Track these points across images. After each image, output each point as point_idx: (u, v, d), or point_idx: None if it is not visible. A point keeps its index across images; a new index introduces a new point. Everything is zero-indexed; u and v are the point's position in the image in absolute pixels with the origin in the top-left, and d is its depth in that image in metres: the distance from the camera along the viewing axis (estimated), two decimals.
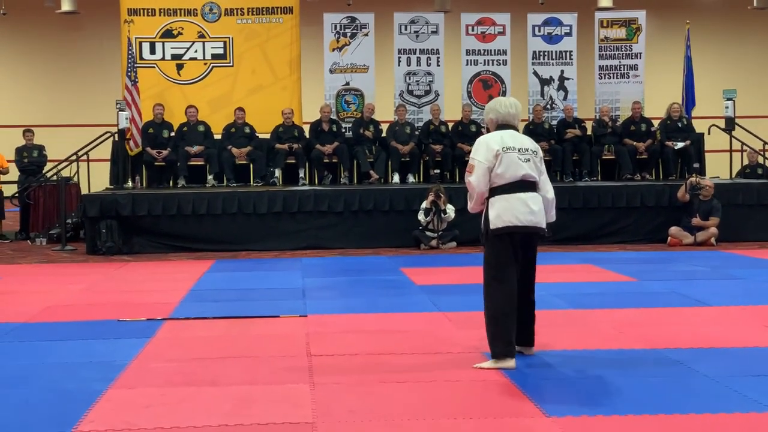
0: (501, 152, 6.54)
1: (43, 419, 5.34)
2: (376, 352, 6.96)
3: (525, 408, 5.45)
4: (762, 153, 18.04)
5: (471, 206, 6.82)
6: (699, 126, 17.25)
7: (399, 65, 17.33)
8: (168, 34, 16.84)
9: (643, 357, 6.72)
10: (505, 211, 6.50)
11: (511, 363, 6.37)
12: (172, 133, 16.07)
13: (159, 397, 5.75)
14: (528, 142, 6.71)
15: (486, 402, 5.67)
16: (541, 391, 5.75)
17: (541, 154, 6.79)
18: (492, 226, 6.54)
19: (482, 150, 6.63)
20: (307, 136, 16.35)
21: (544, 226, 6.60)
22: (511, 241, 6.53)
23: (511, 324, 6.46)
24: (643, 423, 5.11)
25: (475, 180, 6.63)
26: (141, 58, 16.62)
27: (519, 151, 6.57)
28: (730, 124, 16.69)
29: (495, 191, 6.58)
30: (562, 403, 5.54)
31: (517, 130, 6.84)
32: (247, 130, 16.15)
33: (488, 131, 6.93)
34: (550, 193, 6.72)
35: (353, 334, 7.68)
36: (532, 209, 6.51)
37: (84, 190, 15.92)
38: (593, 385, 5.97)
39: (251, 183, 15.96)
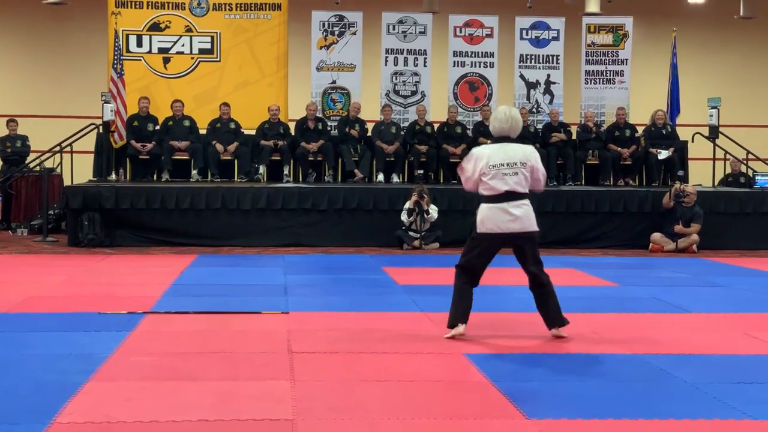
0: (486, 169, 7.27)
1: (22, 410, 5.30)
2: (357, 351, 6.96)
3: (505, 410, 5.46)
4: (745, 162, 18.12)
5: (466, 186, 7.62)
6: (683, 133, 17.32)
7: (386, 65, 17.34)
8: (155, 28, 16.81)
9: (624, 362, 6.74)
10: (488, 219, 7.30)
11: (450, 331, 7.40)
12: (157, 127, 16.03)
13: (139, 391, 5.73)
14: (518, 154, 7.35)
15: (466, 403, 5.67)
16: (522, 393, 5.75)
17: (532, 161, 7.38)
18: (477, 229, 7.37)
19: (471, 163, 7.40)
20: (293, 134, 16.33)
21: (531, 229, 7.34)
22: (489, 244, 7.37)
23: (457, 302, 7.43)
24: (623, 427, 5.13)
25: (464, 182, 7.53)
26: (127, 51, 16.58)
27: (507, 166, 7.28)
28: (713, 133, 16.75)
29: (482, 199, 7.36)
30: (543, 406, 5.55)
31: (513, 141, 7.46)
32: (233, 125, 16.12)
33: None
34: (541, 186, 7.51)
35: (334, 331, 7.68)
36: (515, 216, 7.26)
37: (67, 182, 15.86)
38: (574, 388, 5.98)
39: (235, 179, 15.93)
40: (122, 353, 6.75)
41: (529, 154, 7.42)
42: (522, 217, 7.27)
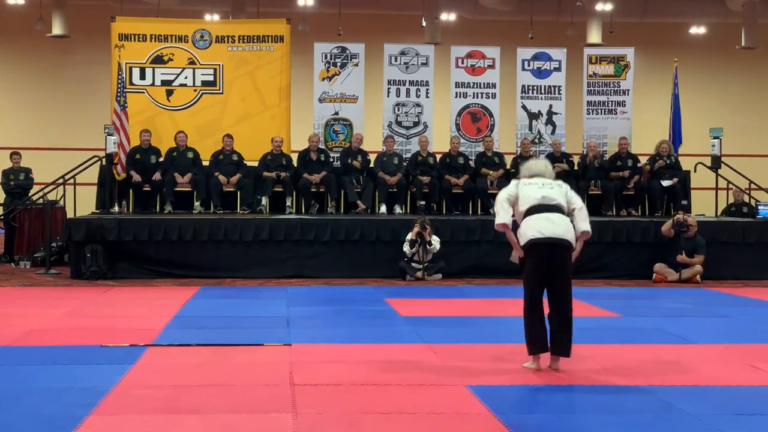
0: (522, 184, 7.61)
1: None
2: (359, 383, 6.94)
3: None
4: (747, 191, 18.13)
5: (497, 220, 7.62)
6: (685, 163, 17.34)
7: (388, 96, 17.39)
8: (158, 60, 16.87)
9: (627, 394, 6.72)
10: (529, 229, 7.44)
11: (533, 364, 7.43)
12: (161, 159, 16.07)
13: (140, 425, 5.72)
14: (549, 180, 7.71)
15: None
16: (524, 426, 5.73)
17: (566, 188, 7.73)
18: (521, 242, 7.49)
19: (511, 185, 7.72)
20: (295, 165, 16.35)
21: (569, 239, 7.42)
22: (537, 254, 7.39)
23: (532, 326, 7.43)
24: None
25: (498, 196, 7.68)
26: (131, 83, 16.64)
27: (542, 183, 7.62)
28: (716, 163, 16.77)
29: (523, 215, 7.51)
30: None
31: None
32: (235, 157, 16.15)
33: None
34: (576, 204, 7.63)
35: (337, 364, 7.66)
36: (555, 222, 7.39)
37: (70, 214, 15.87)
38: (576, 420, 5.96)
39: (238, 210, 15.94)
40: (124, 386, 6.73)
41: (564, 184, 7.77)
42: (562, 224, 7.42)
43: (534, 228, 7.38)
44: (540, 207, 7.44)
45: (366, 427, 5.74)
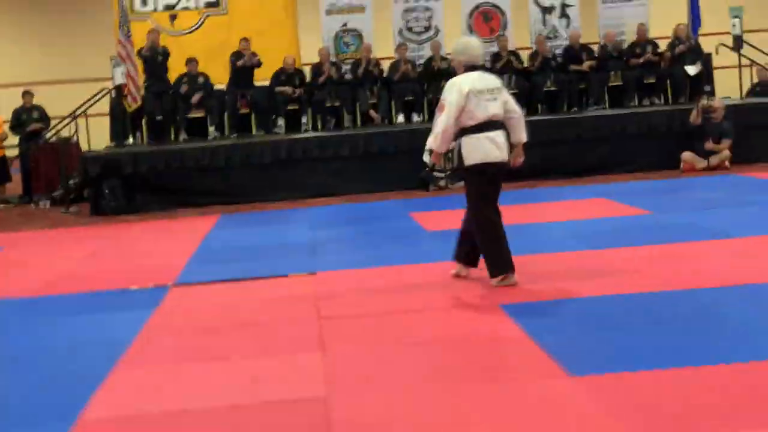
0: (471, 95, 7.07)
1: (45, 406, 5.10)
2: (389, 311, 6.72)
3: (546, 368, 5.17)
4: None
5: (436, 144, 7.27)
6: (706, 45, 16.83)
7: (396, 2, 16.92)
8: None
9: (665, 300, 6.45)
10: (474, 150, 7.13)
11: (512, 279, 7.14)
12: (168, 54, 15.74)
13: (166, 376, 5.54)
14: (492, 81, 7.30)
15: (505, 362, 5.44)
16: (561, 347, 5.46)
17: (502, 87, 7.36)
18: (468, 163, 7.17)
19: (455, 92, 7.10)
20: (308, 81, 16.01)
21: (507, 159, 7.28)
22: (487, 177, 7.17)
23: (499, 247, 7.18)
24: (671, 378, 4.83)
25: (445, 119, 7.09)
26: (133, 11, 16.26)
27: (488, 92, 7.15)
28: (737, 43, 16.31)
29: (465, 131, 7.13)
30: (585, 360, 5.24)
31: (483, 69, 7.53)
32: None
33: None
34: (515, 113, 7.32)
35: (364, 291, 7.42)
36: (498, 144, 7.16)
37: (84, 147, 15.67)
38: (615, 336, 5.69)
39: (253, 133, 15.68)
40: (148, 334, 6.52)
41: (500, 82, 7.40)
42: (502, 145, 7.19)
43: (482, 150, 7.10)
44: (486, 125, 7.09)
45: (398, 360, 5.53)
